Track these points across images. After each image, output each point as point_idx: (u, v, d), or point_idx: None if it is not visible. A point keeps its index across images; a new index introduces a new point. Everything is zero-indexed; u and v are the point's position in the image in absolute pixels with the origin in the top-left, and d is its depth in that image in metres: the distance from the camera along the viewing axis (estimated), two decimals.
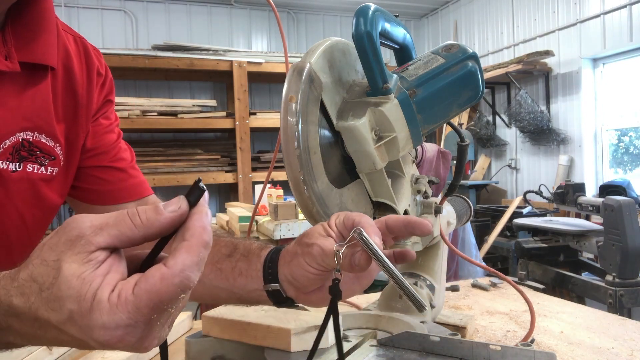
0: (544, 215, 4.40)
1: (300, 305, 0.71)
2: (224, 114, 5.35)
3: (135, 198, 0.91)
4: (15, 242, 0.77)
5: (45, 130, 0.77)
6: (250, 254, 0.75)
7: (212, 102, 5.47)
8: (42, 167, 0.78)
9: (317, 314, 0.80)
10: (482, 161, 6.09)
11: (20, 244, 0.79)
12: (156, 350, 1.00)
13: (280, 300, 0.71)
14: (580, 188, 3.35)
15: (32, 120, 0.75)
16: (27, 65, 0.73)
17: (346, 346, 0.77)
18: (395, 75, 0.84)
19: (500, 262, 4.58)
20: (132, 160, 0.94)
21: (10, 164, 0.74)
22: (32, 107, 0.75)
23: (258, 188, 4.58)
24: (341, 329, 0.66)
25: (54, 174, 0.80)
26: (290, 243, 0.70)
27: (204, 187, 0.45)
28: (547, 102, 5.19)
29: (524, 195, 4.24)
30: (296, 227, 2.72)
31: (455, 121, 2.01)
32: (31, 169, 0.76)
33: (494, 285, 1.51)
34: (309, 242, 0.65)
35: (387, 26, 0.85)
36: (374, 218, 0.91)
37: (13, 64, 0.71)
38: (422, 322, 0.89)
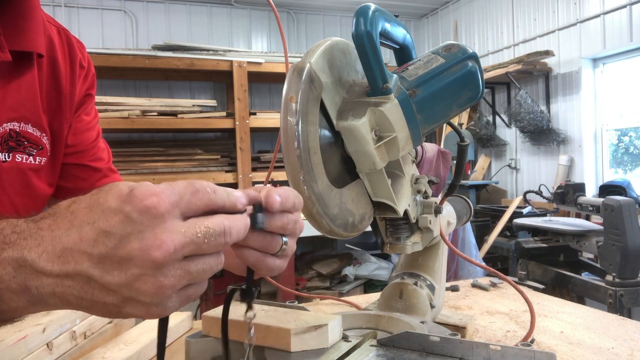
0: (544, 215, 4.41)
1: (300, 305, 0.71)
2: (224, 114, 5.35)
3: None
4: None
5: (31, 120, 0.76)
6: None
7: (212, 102, 5.46)
8: (31, 157, 0.77)
9: (317, 314, 0.80)
10: (482, 161, 6.09)
11: None
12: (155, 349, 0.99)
13: None
14: (580, 188, 3.35)
15: (18, 110, 0.74)
16: (14, 55, 0.72)
17: (346, 346, 0.77)
18: (395, 75, 0.84)
19: (500, 262, 4.58)
20: (109, 161, 0.94)
21: (0, 154, 0.73)
22: (18, 97, 0.74)
23: None
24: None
25: (42, 163, 0.79)
26: None
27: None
28: (547, 102, 5.19)
29: (524, 195, 4.24)
30: None
31: (455, 121, 2.01)
32: (20, 159, 0.75)
33: (494, 285, 1.51)
34: None
35: (387, 26, 0.85)
36: (374, 218, 0.91)
37: (4, 54, 0.70)
38: (422, 322, 0.89)
